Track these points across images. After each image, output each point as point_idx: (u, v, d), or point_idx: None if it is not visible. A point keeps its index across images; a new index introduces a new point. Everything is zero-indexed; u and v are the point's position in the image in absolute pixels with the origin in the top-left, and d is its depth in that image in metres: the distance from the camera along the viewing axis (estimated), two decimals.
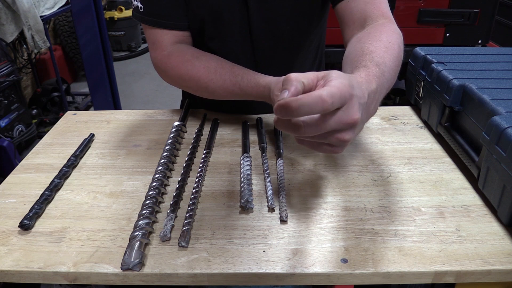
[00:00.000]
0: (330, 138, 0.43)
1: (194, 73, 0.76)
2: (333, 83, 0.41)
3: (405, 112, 0.91)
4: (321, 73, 0.44)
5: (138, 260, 0.51)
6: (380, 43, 0.61)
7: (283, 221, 0.59)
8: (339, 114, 0.41)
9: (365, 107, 0.46)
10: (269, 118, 0.88)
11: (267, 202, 0.63)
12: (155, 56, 0.80)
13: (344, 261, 0.52)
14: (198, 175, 0.68)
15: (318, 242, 0.55)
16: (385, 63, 0.56)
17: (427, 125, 0.84)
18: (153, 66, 0.82)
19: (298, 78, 0.42)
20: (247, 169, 0.69)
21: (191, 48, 0.80)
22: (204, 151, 0.75)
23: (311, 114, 0.39)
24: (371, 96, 0.48)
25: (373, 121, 0.86)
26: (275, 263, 0.52)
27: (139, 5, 0.76)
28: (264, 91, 0.70)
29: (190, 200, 0.62)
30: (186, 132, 0.84)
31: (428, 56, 0.84)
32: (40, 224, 0.60)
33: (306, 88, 0.42)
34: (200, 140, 0.81)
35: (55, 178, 0.68)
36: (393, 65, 0.58)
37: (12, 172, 0.72)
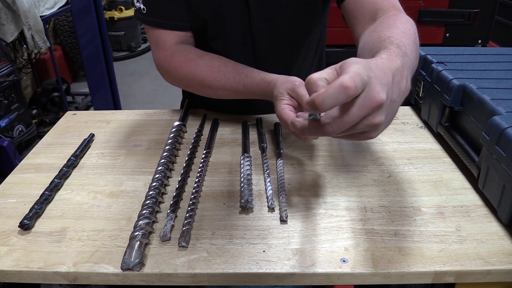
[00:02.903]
0: (359, 126, 0.42)
1: (198, 72, 0.76)
2: (350, 69, 0.40)
3: (405, 112, 0.91)
4: (337, 65, 0.43)
5: (138, 260, 0.51)
6: (397, 29, 0.59)
7: (283, 221, 0.59)
8: (359, 100, 0.40)
9: (394, 85, 0.44)
10: (269, 118, 0.88)
11: (267, 202, 0.63)
12: (158, 56, 0.80)
13: (344, 261, 0.52)
14: (198, 175, 0.68)
15: (318, 242, 0.55)
16: (405, 45, 0.54)
17: (427, 125, 0.84)
18: (156, 67, 0.82)
19: (320, 77, 0.41)
20: (247, 169, 0.69)
21: (193, 48, 0.80)
22: (204, 151, 0.75)
23: (337, 104, 0.39)
24: (398, 73, 0.46)
25: None
26: (275, 263, 0.52)
27: (142, 6, 0.76)
28: (269, 87, 0.70)
29: (190, 200, 0.62)
30: (186, 132, 0.84)
31: (428, 56, 0.84)
32: (40, 224, 0.60)
33: (329, 83, 0.41)
34: (200, 140, 0.81)
35: (55, 178, 0.68)
36: (413, 49, 0.56)
37: (12, 172, 0.72)
